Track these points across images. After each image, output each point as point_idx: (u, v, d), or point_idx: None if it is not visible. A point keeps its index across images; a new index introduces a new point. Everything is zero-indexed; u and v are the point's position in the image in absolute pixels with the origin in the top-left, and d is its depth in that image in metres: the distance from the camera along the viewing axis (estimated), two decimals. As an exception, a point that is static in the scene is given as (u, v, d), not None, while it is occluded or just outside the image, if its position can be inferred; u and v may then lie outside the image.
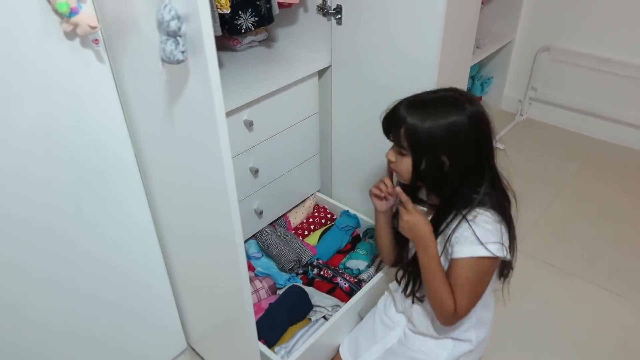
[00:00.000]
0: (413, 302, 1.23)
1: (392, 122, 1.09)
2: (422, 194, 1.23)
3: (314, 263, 1.65)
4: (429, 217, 1.14)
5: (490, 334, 1.26)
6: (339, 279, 1.59)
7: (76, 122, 1.05)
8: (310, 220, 1.85)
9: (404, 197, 1.13)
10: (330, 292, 1.58)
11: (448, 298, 1.06)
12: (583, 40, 2.55)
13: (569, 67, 2.63)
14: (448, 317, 1.09)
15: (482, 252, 1.02)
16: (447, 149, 1.04)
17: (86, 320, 1.26)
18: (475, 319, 1.19)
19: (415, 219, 1.11)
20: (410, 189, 1.16)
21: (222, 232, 1.03)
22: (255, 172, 1.56)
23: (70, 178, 1.08)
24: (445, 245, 1.08)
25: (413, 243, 1.16)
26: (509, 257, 1.07)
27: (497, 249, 1.03)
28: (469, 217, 1.04)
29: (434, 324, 1.20)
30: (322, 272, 1.62)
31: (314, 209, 1.91)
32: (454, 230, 1.06)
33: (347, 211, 1.82)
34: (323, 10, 1.52)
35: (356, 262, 1.67)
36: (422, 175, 1.09)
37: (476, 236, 1.02)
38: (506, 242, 1.07)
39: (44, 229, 1.08)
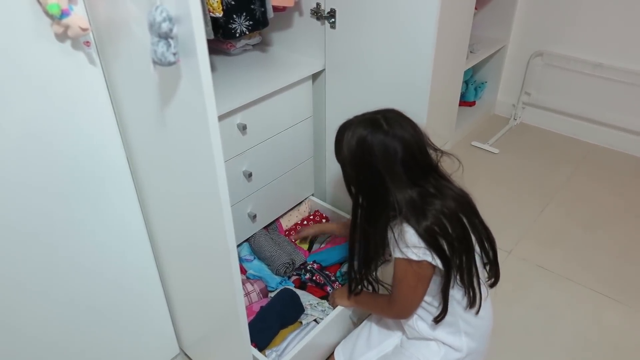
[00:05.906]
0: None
1: None
2: None
3: (308, 267, 1.64)
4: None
5: (486, 346, 1.26)
6: (328, 288, 1.57)
7: (67, 126, 1.04)
8: (305, 223, 1.84)
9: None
10: (322, 299, 1.56)
11: (380, 304, 1.26)
12: (575, 45, 2.56)
13: (561, 72, 2.65)
14: (389, 312, 1.25)
15: (400, 255, 1.11)
16: (352, 162, 1.13)
17: (77, 325, 1.25)
18: (463, 322, 1.19)
19: (335, 302, 1.44)
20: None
21: (215, 236, 1.02)
22: (248, 175, 1.55)
23: (60, 183, 1.07)
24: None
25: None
26: (436, 263, 1.09)
27: (412, 254, 1.08)
28: (394, 226, 1.11)
29: (416, 325, 1.23)
30: (314, 278, 1.61)
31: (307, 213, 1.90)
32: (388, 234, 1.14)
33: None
34: (317, 14, 1.52)
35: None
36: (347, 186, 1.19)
37: (395, 241, 1.10)
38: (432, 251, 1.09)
39: (34, 235, 1.07)
